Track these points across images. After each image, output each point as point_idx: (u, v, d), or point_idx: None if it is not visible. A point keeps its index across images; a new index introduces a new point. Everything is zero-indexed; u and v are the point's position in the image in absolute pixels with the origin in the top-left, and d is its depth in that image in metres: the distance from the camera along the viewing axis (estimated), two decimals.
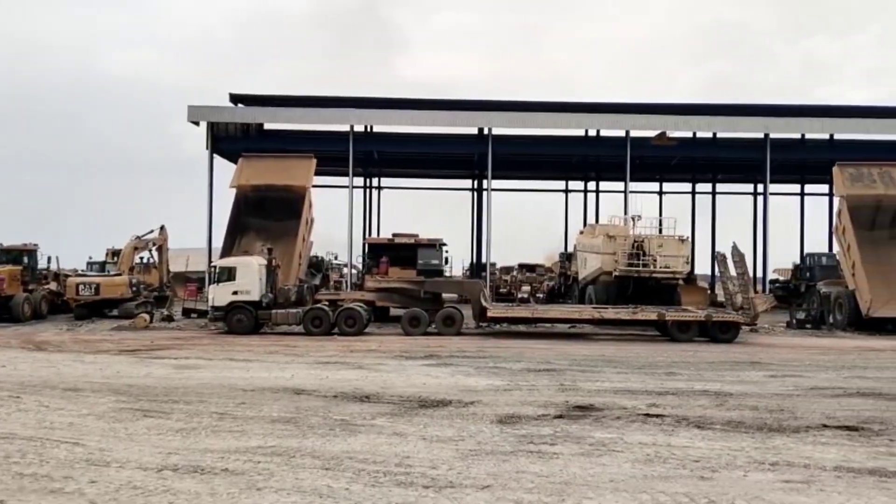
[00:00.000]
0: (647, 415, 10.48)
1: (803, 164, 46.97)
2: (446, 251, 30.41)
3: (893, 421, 10.31)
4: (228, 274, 24.02)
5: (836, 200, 32.54)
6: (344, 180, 42.52)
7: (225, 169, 38.14)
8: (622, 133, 40.39)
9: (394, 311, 27.05)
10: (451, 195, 59.05)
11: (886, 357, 19.37)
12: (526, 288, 40.59)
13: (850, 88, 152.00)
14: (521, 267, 46.47)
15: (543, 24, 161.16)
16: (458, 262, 46.08)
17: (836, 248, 33.71)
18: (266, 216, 31.17)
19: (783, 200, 54.61)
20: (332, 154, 40.65)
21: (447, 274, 30.79)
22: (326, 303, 24.90)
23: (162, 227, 35.91)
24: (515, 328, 25.28)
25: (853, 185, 29.30)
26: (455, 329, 23.84)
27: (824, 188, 46.71)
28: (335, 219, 41.63)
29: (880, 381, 14.56)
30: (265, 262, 24.20)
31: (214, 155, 38.76)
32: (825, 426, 9.88)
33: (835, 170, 30.21)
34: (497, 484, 7.12)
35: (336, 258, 40.01)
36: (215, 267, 25.32)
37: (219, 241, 32.43)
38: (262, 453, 8.17)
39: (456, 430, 9.45)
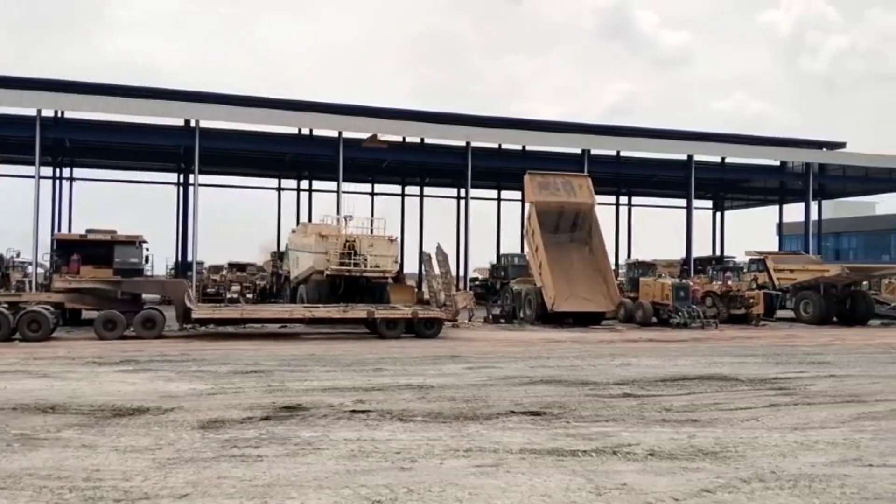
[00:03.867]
0: (354, 411, 10.65)
1: (500, 171, 50.88)
2: (147, 249, 28.67)
3: (570, 405, 11.43)
4: None
5: (526, 206, 35.57)
6: (30, 170, 38.49)
7: None
8: (335, 133, 40.88)
9: (87, 314, 24.97)
10: (154, 189, 55.98)
11: (566, 347, 21.49)
12: (236, 287, 39.61)
13: (541, 105, 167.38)
14: (231, 266, 45.27)
15: (256, 18, 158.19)
16: (161, 260, 43.80)
17: (526, 250, 36.89)
18: None
19: (483, 204, 58.75)
20: (15, 140, 36.63)
21: (148, 273, 29.04)
22: (6, 305, 22.26)
23: None
24: (224, 329, 24.48)
25: (541, 193, 32.15)
26: (156, 332, 22.52)
27: (518, 194, 50.84)
28: (19, 212, 37.51)
29: (560, 369, 16.11)
30: None
31: None
32: (513, 412, 10.71)
33: (526, 178, 32.94)
34: (196, 492, 6.81)
35: (18, 255, 36.00)
36: None
37: None
38: None
39: (153, 438, 8.90)
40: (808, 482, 7.32)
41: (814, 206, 52.19)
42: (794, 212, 59.91)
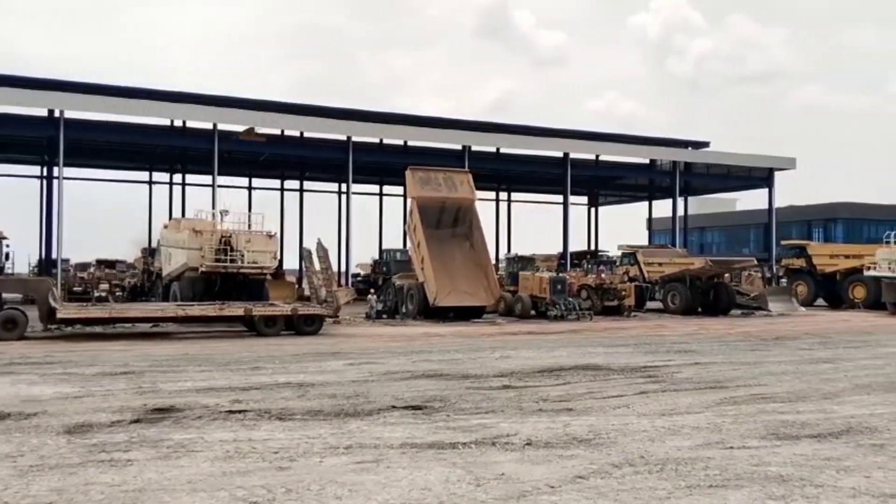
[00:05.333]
0: (230, 411, 10.39)
1: (382, 166, 50.80)
2: (7, 245, 26.94)
3: (451, 398, 11.56)
4: None
5: (408, 201, 35.62)
6: None
7: None
8: (210, 125, 39.72)
9: None
10: (16, 183, 52.79)
11: (448, 341, 21.70)
12: (104, 286, 37.89)
13: (422, 100, 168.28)
14: (100, 263, 43.21)
15: (125, 4, 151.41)
16: (23, 258, 41.51)
17: (408, 245, 36.97)
18: None
19: (365, 199, 58.56)
20: None
21: (8, 271, 27.33)
22: None
23: None
24: (91, 330, 23.35)
25: (422, 188, 32.18)
26: (17, 333, 21.21)
27: (399, 189, 50.92)
28: None
29: (442, 362, 16.26)
30: None
31: None
32: (394, 407, 10.73)
33: (407, 173, 32.90)
34: (61, 499, 6.48)
35: None
36: None
37: None
38: None
39: (15, 445, 8.39)
40: (675, 465, 7.68)
41: (680, 202, 54.77)
42: (662, 207, 62.80)
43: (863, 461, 7.95)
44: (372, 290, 32.10)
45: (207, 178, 41.48)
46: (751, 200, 70.68)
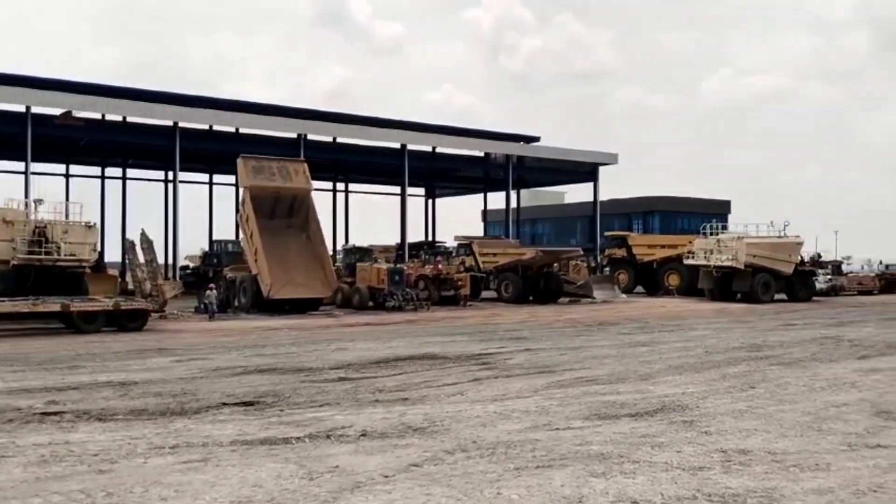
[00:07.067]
0: (45, 413, 9.71)
1: (212, 154, 48.99)
2: None
3: (285, 393, 11.36)
4: None
5: (240, 191, 34.56)
6: None
7: None
8: (23, 108, 36.85)
9: None
10: None
11: (283, 335, 21.33)
12: None
13: (256, 87, 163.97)
14: None
15: None
16: None
17: (241, 236, 35.91)
18: None
19: (194, 188, 56.36)
20: None
21: None
22: None
23: None
24: None
25: (255, 177, 31.26)
26: None
27: (231, 179, 49.33)
28: None
29: (276, 357, 15.96)
30: None
31: None
32: (224, 404, 10.40)
33: (239, 161, 31.85)
34: None
35: None
36: None
37: None
38: None
39: None
40: (505, 448, 7.93)
41: (513, 194, 56.53)
42: (496, 199, 64.59)
43: (675, 437, 8.54)
44: (212, 285, 30.88)
45: (20, 165, 38.46)
46: (578, 193, 74.11)
